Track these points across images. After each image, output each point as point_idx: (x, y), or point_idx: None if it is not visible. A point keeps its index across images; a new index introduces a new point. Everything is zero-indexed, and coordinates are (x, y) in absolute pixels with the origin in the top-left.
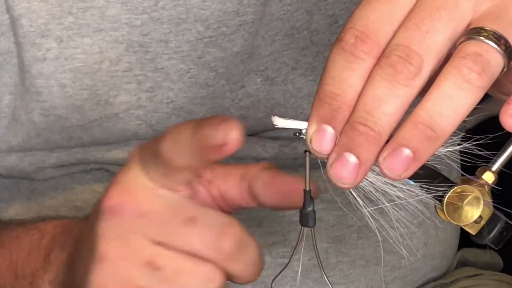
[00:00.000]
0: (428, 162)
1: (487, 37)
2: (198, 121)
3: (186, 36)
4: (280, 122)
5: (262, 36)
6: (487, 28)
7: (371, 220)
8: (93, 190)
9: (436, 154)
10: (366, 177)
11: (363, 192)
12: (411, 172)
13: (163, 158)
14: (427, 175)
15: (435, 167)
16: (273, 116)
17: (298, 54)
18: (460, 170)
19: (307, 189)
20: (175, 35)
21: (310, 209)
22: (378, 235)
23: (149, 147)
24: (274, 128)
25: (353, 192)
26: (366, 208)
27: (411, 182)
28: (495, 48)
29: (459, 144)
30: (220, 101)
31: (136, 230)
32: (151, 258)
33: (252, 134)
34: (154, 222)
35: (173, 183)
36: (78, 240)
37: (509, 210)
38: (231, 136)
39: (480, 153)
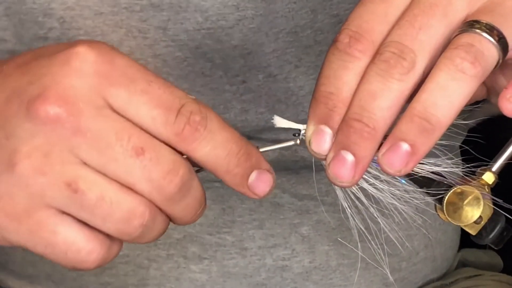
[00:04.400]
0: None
1: (479, 29)
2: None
3: (184, 25)
4: (280, 122)
5: (265, 33)
6: (481, 21)
7: (352, 223)
8: None
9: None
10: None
11: (357, 194)
12: (410, 167)
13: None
14: (425, 182)
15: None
16: (274, 115)
17: (301, 52)
18: (460, 170)
19: None
20: (174, 23)
21: None
22: (357, 239)
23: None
24: (274, 128)
25: (343, 202)
26: (353, 215)
27: (403, 182)
28: (488, 39)
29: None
30: (221, 93)
31: (65, 145)
32: (73, 179)
33: (251, 137)
34: (92, 143)
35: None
36: None
37: (509, 206)
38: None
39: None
